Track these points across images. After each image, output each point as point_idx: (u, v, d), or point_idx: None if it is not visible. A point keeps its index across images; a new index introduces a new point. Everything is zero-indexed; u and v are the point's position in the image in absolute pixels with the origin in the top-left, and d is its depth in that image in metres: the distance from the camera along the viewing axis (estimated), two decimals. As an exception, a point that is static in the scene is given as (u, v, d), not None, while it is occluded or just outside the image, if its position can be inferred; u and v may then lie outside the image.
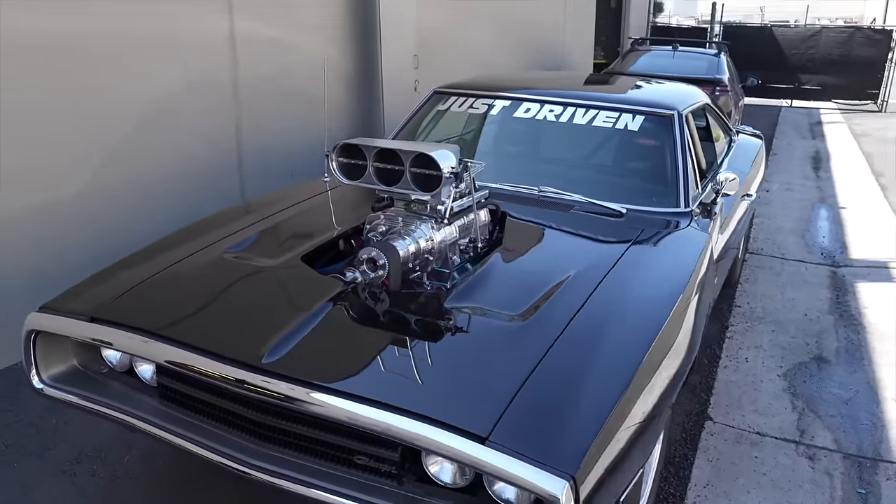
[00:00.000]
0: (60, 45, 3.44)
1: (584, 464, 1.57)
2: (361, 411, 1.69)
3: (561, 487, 1.49)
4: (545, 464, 1.53)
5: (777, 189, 7.75)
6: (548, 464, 1.53)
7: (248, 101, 4.59)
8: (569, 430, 1.63)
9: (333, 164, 2.34)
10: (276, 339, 1.89)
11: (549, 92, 3.35)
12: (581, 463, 1.55)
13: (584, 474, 1.56)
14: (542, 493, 1.50)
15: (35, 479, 2.64)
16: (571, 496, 1.51)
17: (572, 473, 1.52)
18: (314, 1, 5.10)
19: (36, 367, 2.17)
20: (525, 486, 1.52)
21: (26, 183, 3.37)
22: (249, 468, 1.86)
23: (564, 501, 1.49)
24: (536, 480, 1.51)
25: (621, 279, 2.27)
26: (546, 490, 1.49)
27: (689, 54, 8.75)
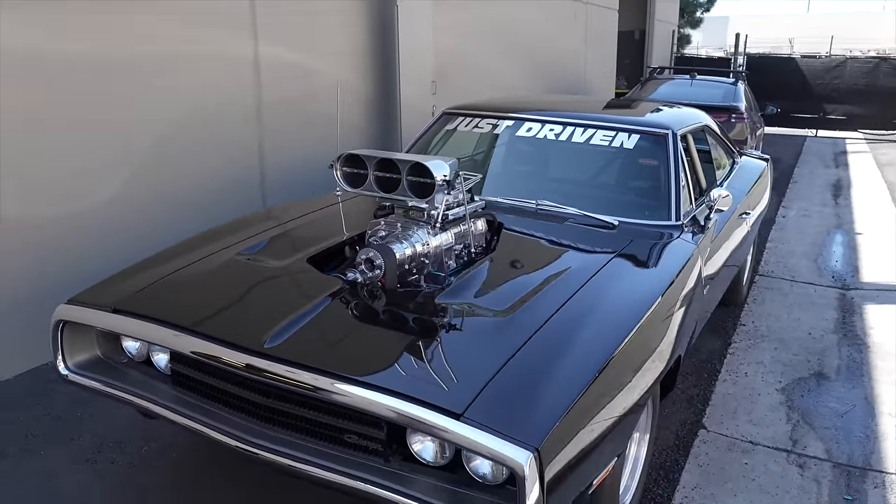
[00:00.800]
0: (96, 63, 3.72)
1: (550, 440, 1.70)
2: (351, 390, 1.86)
3: (525, 458, 1.63)
4: (512, 437, 1.67)
5: (794, 215, 7.79)
6: (514, 437, 1.67)
7: (270, 121, 4.84)
8: (536, 410, 1.78)
9: (338, 173, 2.53)
10: (278, 328, 2.07)
11: (550, 112, 3.53)
12: (546, 438, 1.69)
13: (549, 449, 1.70)
14: (508, 462, 1.64)
15: (60, 466, 2.84)
16: (535, 467, 1.64)
17: (536, 446, 1.66)
18: (335, 28, 5.38)
19: (62, 355, 2.37)
20: (493, 456, 1.67)
21: (55, 194, 3.63)
22: (252, 447, 2.02)
23: (528, 470, 1.63)
24: (503, 451, 1.65)
25: (603, 283, 2.41)
26: (512, 459, 1.64)
27: (707, 83, 8.89)
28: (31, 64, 3.42)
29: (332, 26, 5.35)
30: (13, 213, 3.44)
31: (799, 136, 14.78)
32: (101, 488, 2.70)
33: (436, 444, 1.90)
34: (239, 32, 4.58)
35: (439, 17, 6.51)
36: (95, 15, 3.68)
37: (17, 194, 3.44)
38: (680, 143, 3.32)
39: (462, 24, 7.19)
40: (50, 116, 3.54)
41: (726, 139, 4.47)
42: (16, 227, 3.45)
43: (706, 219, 3.23)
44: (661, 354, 2.35)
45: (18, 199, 3.45)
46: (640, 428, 2.62)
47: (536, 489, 1.66)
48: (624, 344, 2.10)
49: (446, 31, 6.71)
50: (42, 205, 3.56)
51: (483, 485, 1.85)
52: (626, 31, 15.11)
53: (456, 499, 1.81)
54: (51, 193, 3.58)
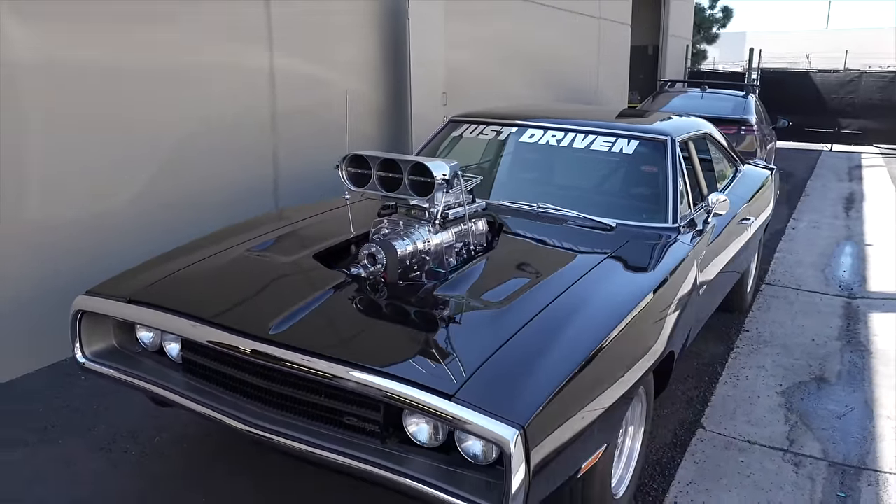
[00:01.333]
0: (119, 72, 3.88)
1: (536, 420, 1.80)
2: (350, 373, 1.96)
3: (511, 435, 1.73)
4: (499, 416, 1.77)
5: (804, 227, 7.82)
6: (502, 416, 1.77)
7: (285, 130, 4.99)
8: (524, 392, 1.87)
9: (343, 173, 2.66)
10: (283, 316, 2.19)
11: (552, 119, 3.64)
12: (532, 417, 1.78)
13: (535, 428, 1.79)
14: (495, 438, 1.74)
15: (77, 454, 2.96)
16: (521, 444, 1.73)
17: (523, 424, 1.75)
18: (349, 40, 5.54)
19: (80, 344, 2.50)
20: (482, 433, 1.76)
21: (75, 196, 3.78)
22: (257, 429, 2.13)
23: (514, 447, 1.72)
24: (491, 428, 1.75)
25: (596, 278, 2.51)
26: (499, 436, 1.73)
27: (718, 95, 8.96)
28: (58, 71, 3.59)
29: (344, 39, 5.51)
30: (36, 213, 3.60)
31: (814, 150, 14.77)
32: (116, 476, 2.82)
33: (430, 427, 1.99)
34: (255, 45, 4.74)
35: (451, 31, 6.66)
36: (122, 28, 3.86)
37: (39, 195, 3.60)
38: (678, 149, 3.41)
39: (474, 38, 7.34)
40: (74, 122, 3.70)
41: (729, 148, 4.54)
42: (36, 227, 3.60)
43: (704, 222, 3.32)
44: (651, 348, 2.44)
45: (41, 200, 3.61)
46: (634, 421, 2.70)
47: (522, 466, 1.75)
48: (613, 335, 2.19)
49: (458, 45, 6.86)
50: (63, 206, 3.71)
51: (475, 465, 1.94)
52: (639, 45, 15.22)
53: (448, 477, 1.90)
54: (71, 195, 3.74)
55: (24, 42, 3.45)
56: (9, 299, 3.52)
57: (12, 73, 3.42)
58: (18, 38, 3.42)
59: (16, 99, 3.45)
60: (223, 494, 2.70)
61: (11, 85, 3.43)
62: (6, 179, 3.46)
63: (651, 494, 2.85)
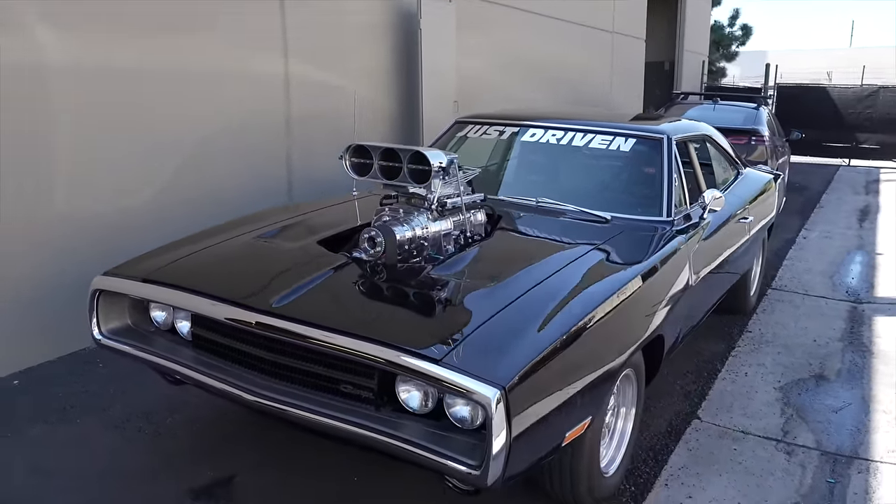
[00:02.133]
0: (142, 75, 4.08)
1: (517, 382, 1.91)
2: (345, 341, 2.09)
3: (493, 394, 1.84)
4: (482, 377, 1.88)
5: (815, 237, 7.83)
6: (484, 377, 1.88)
7: (298, 134, 5.17)
8: (507, 358, 1.98)
9: (346, 163, 2.80)
10: (285, 292, 2.32)
11: (553, 120, 3.77)
12: (513, 379, 1.89)
13: (517, 391, 1.90)
14: (478, 398, 1.85)
15: (93, 431, 3.11)
16: (503, 404, 1.84)
17: (504, 385, 1.86)
18: (361, 48, 5.72)
19: (97, 321, 2.66)
20: (466, 390, 1.87)
21: (101, 193, 3.97)
22: (262, 399, 2.25)
23: (495, 406, 1.83)
24: (474, 387, 1.86)
25: (586, 262, 2.63)
26: (481, 395, 1.84)
27: (730, 107, 9.04)
28: (84, 73, 3.79)
29: (357, 47, 5.69)
30: (62, 207, 3.79)
31: (831, 165, 14.72)
32: (129, 449, 2.96)
33: (420, 394, 2.11)
34: (271, 51, 4.94)
35: (464, 42, 6.84)
36: (145, 33, 4.06)
37: (66, 191, 3.79)
38: (675, 148, 3.52)
39: (485, 49, 7.51)
40: (99, 121, 3.90)
41: (731, 152, 4.64)
42: (62, 221, 3.79)
43: (700, 218, 3.41)
44: (638, 329, 2.54)
45: (68, 195, 3.80)
46: (626, 403, 2.79)
47: (504, 426, 1.86)
48: (597, 311, 2.30)
49: (470, 55, 7.03)
50: (88, 201, 3.90)
51: (462, 430, 2.05)
52: (655, 61, 15.33)
53: (436, 439, 2.01)
54: (97, 191, 3.93)
55: (54, 45, 3.65)
56: (32, 289, 3.70)
57: (42, 74, 3.62)
58: (49, 41, 3.63)
59: (46, 99, 3.65)
60: (229, 469, 2.83)
61: (42, 85, 3.63)
62: (36, 175, 3.65)
63: (642, 477, 2.93)
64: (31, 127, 3.62)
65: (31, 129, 3.62)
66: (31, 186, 3.66)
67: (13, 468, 2.80)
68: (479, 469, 1.88)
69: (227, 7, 4.58)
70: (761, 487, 2.88)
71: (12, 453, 2.91)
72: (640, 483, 2.89)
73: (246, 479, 2.78)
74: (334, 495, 2.69)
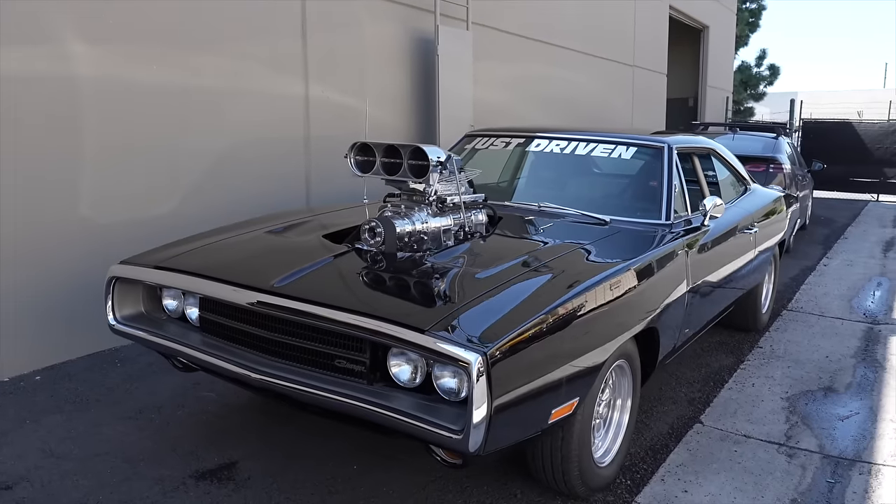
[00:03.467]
0: (169, 91, 4.30)
1: (500, 351, 1.98)
2: (338, 315, 2.19)
3: (474, 358, 1.92)
4: (464, 344, 1.96)
5: (836, 264, 7.77)
6: (466, 344, 1.96)
7: (317, 155, 5.35)
8: (490, 330, 2.06)
9: (351, 161, 2.94)
10: (286, 274, 2.44)
11: (557, 130, 3.89)
12: (495, 346, 1.97)
13: (499, 359, 1.97)
14: (460, 361, 1.92)
15: (105, 420, 3.23)
16: (484, 369, 1.92)
17: (486, 351, 1.94)
18: (380, 74, 5.93)
19: (112, 307, 2.79)
20: (448, 354, 1.95)
21: (130, 201, 4.16)
22: (263, 376, 2.34)
23: (475, 369, 1.90)
24: (456, 352, 1.94)
25: (579, 255, 2.71)
26: (463, 358, 1.92)
27: (749, 136, 9.09)
28: (114, 87, 4.02)
29: (376, 73, 5.90)
30: (91, 213, 3.98)
31: (860, 200, 14.60)
32: (139, 437, 3.06)
33: (410, 367, 2.19)
34: (292, 75, 5.16)
35: (482, 70, 7.04)
36: (174, 52, 4.31)
37: (96, 199, 3.99)
38: (675, 156, 3.59)
39: (503, 77, 7.70)
40: (126, 135, 4.11)
41: (739, 168, 4.70)
42: (92, 227, 3.98)
43: (701, 224, 3.47)
44: (629, 318, 2.60)
45: (98, 202, 4.00)
46: (622, 394, 2.83)
47: (485, 390, 1.93)
48: (586, 295, 2.37)
49: (487, 82, 7.22)
50: (118, 209, 4.09)
51: (449, 402, 2.12)
52: (679, 97, 15.47)
53: (424, 409, 2.09)
54: (125, 200, 4.12)
55: (85, 59, 3.89)
56: (56, 291, 3.87)
57: (73, 87, 3.85)
58: (80, 54, 3.87)
59: (79, 111, 3.88)
60: (233, 456, 2.91)
61: (73, 97, 3.86)
62: (67, 181, 3.86)
63: (639, 473, 2.94)
64: (65, 137, 3.84)
65: (65, 138, 3.84)
66: (62, 193, 3.87)
67: (27, 451, 2.92)
68: (461, 434, 1.95)
69: (252, 31, 4.82)
70: (759, 485, 2.87)
71: (28, 438, 3.04)
72: (636, 478, 2.90)
73: (248, 464, 2.86)
74: (333, 481, 2.75)
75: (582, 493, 2.62)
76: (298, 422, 3.22)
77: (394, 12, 6.05)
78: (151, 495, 2.61)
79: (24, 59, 3.63)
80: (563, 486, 2.58)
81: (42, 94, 3.72)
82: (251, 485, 2.71)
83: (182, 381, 3.64)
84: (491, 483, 2.78)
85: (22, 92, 3.63)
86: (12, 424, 3.17)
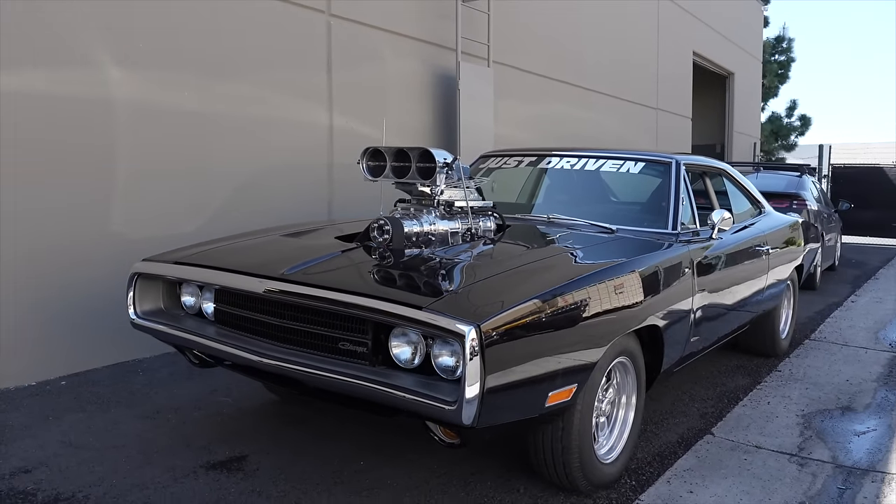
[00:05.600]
0: (200, 117, 4.54)
1: (494, 327, 2.05)
2: (340, 297, 2.29)
3: (467, 329, 1.99)
4: (459, 317, 2.04)
5: (865, 301, 7.65)
6: (461, 316, 2.04)
7: (340, 181, 5.53)
8: (485, 307, 2.13)
9: (363, 166, 3.07)
10: (296, 264, 2.56)
11: (568, 149, 4.01)
12: (488, 320, 2.04)
13: (494, 334, 2.04)
14: (454, 333, 2.00)
15: (124, 419, 3.33)
16: (477, 339, 1.99)
17: (479, 323, 2.01)
18: (402, 107, 6.15)
19: (134, 303, 2.93)
20: (442, 330, 2.02)
21: (156, 219, 4.36)
22: (272, 360, 2.43)
23: (468, 340, 1.97)
24: (450, 325, 2.01)
25: (581, 254, 2.79)
26: (456, 328, 1.99)
27: (773, 174, 9.11)
28: (148, 110, 4.26)
29: (398, 105, 6.13)
30: (121, 229, 4.17)
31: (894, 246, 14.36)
32: (155, 433, 3.16)
33: (410, 348, 2.26)
34: (317, 105, 5.39)
35: (502, 108, 7.23)
36: (205, 80, 4.56)
37: (126, 215, 4.19)
38: (683, 171, 3.67)
39: (525, 114, 7.89)
40: (159, 156, 4.34)
41: (752, 191, 4.74)
42: (121, 242, 4.16)
43: (710, 237, 3.52)
44: (629, 312, 2.64)
45: (127, 219, 4.20)
46: (626, 390, 2.86)
47: (478, 362, 1.99)
48: (586, 286, 2.43)
49: (509, 121, 7.41)
50: (144, 229, 4.28)
51: (447, 380, 2.18)
52: (707, 144, 15.54)
53: (422, 384, 2.15)
54: (153, 218, 4.32)
55: (120, 83, 4.14)
56: (88, 303, 4.04)
57: (108, 109, 4.10)
58: (116, 78, 4.12)
59: (114, 131, 4.12)
60: (243, 451, 2.98)
61: (108, 119, 4.10)
62: (98, 201, 4.07)
63: (644, 475, 2.94)
64: (99, 157, 4.07)
65: (98, 158, 4.07)
66: (93, 210, 4.07)
67: (48, 442, 3.03)
68: (455, 405, 2.00)
69: (281, 62, 5.07)
70: (767, 489, 2.85)
71: (50, 431, 3.15)
72: (641, 479, 2.90)
73: (258, 458, 2.92)
74: (339, 474, 2.80)
75: (584, 487, 2.63)
76: (310, 424, 3.29)
77: (416, 49, 6.30)
78: (163, 481, 2.69)
79: (60, 81, 3.89)
80: (565, 480, 2.60)
81: (76, 115, 3.96)
82: (259, 475, 2.77)
83: (200, 387, 3.75)
84: (494, 479, 2.80)
85: (58, 112, 3.87)
86: (36, 420, 3.29)
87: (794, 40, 25.18)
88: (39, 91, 3.79)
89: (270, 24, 5.02)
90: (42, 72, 3.80)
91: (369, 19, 5.79)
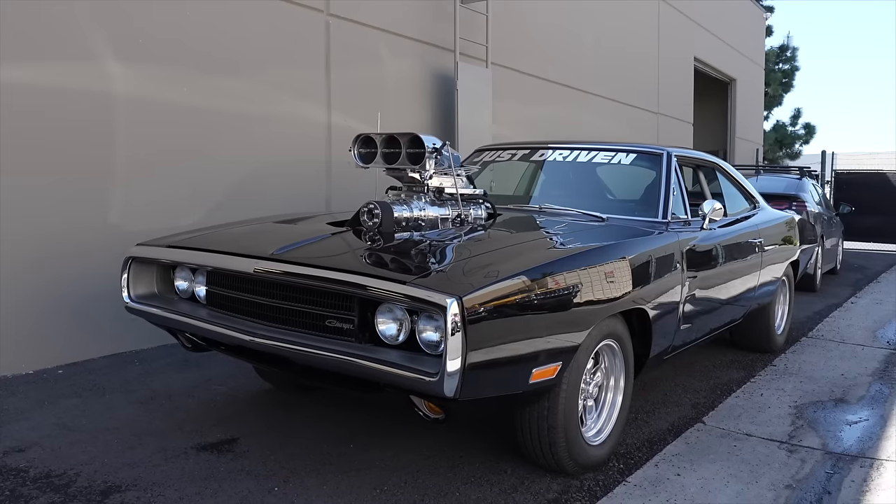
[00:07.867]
0: (199, 112, 4.59)
1: (476, 301, 2.07)
2: (326, 273, 2.33)
3: (449, 301, 2.01)
4: (441, 290, 2.07)
5: (865, 303, 7.64)
6: (443, 289, 2.06)
7: (338, 179, 5.58)
8: (468, 280, 2.16)
9: (354, 153, 3.11)
10: (286, 245, 2.60)
11: (561, 142, 4.04)
12: (470, 293, 2.06)
13: (476, 308, 2.06)
14: (437, 302, 2.02)
15: (118, 404, 3.37)
16: (458, 311, 2.01)
17: (461, 295, 2.04)
18: (400, 106, 6.20)
19: (128, 287, 2.96)
20: (424, 302, 2.05)
21: (154, 212, 4.41)
22: (261, 339, 2.46)
23: (450, 311, 2.00)
24: (432, 297, 2.04)
25: (568, 238, 2.82)
26: (439, 299, 2.02)
27: (772, 177, 9.14)
28: (148, 105, 4.32)
29: (396, 105, 6.18)
30: (119, 222, 4.22)
31: (898, 252, 14.34)
32: (148, 418, 3.19)
33: (395, 325, 2.29)
34: (316, 104, 5.45)
35: (501, 110, 7.28)
36: (205, 76, 4.62)
37: (125, 211, 4.24)
38: (674, 163, 3.70)
39: (523, 116, 7.93)
40: (159, 150, 4.39)
41: (747, 186, 4.76)
42: (119, 235, 4.21)
43: (700, 228, 3.54)
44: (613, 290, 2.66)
45: (126, 213, 4.25)
46: (614, 373, 2.88)
47: (460, 333, 2.01)
48: (568, 260, 2.46)
49: (507, 123, 7.45)
50: (142, 221, 4.33)
51: (431, 355, 2.21)
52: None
53: (406, 358, 2.18)
54: (151, 211, 4.37)
55: (120, 78, 4.20)
56: (86, 294, 4.08)
57: (108, 104, 4.16)
58: (115, 73, 4.18)
59: (114, 126, 4.17)
60: (234, 433, 3.01)
61: (108, 113, 4.15)
62: (97, 192, 4.12)
63: (633, 459, 2.95)
64: (100, 149, 4.13)
65: (99, 150, 4.13)
66: (92, 200, 4.12)
67: (42, 424, 3.06)
68: (437, 376, 2.03)
69: (280, 60, 5.13)
70: (754, 473, 2.85)
71: (45, 415, 3.18)
72: (630, 463, 2.91)
73: (249, 440, 2.95)
74: (328, 456, 2.82)
75: (570, 468, 2.64)
76: (302, 410, 3.32)
77: (414, 49, 6.35)
78: (154, 461, 2.72)
79: (58, 75, 3.95)
80: (551, 460, 2.61)
81: (75, 109, 4.02)
82: (249, 456, 2.80)
83: (196, 376, 3.78)
84: (482, 461, 2.82)
85: (60, 104, 3.93)
86: (31, 405, 3.32)
87: (799, 49, 25.22)
88: (37, 84, 3.85)
89: (270, 23, 5.08)
90: (40, 66, 3.86)
91: (368, 19, 5.86)
